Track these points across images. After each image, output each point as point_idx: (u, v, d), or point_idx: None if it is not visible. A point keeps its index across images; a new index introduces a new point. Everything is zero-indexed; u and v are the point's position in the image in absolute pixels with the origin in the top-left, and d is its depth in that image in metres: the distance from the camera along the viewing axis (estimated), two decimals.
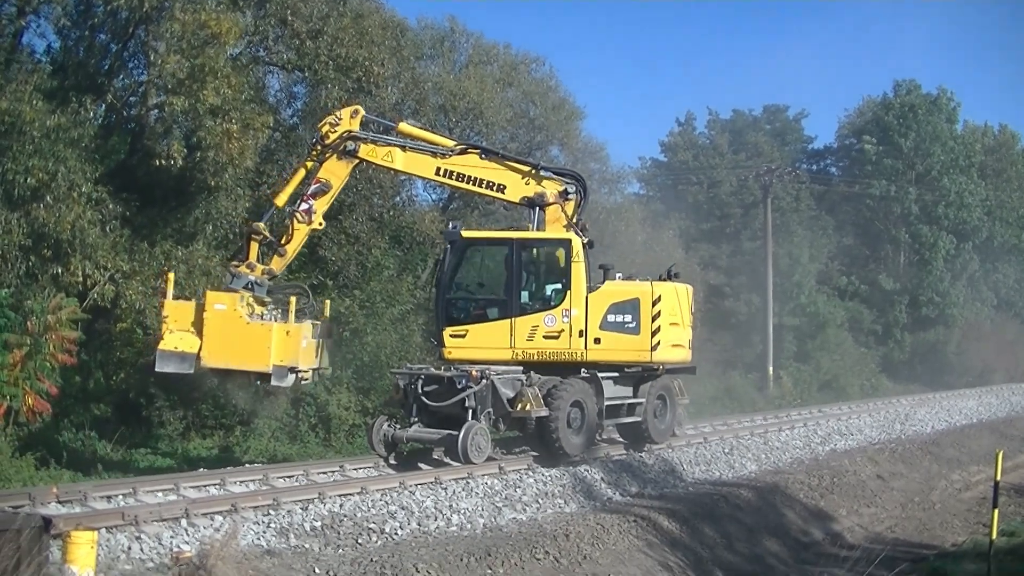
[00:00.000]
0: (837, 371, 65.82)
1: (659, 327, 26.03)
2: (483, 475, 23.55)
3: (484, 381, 24.66)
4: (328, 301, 28.45)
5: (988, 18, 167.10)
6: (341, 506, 20.11)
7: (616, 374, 27.36)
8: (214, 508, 18.91)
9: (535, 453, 26.15)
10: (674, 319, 26.96)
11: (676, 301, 27.20)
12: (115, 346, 31.83)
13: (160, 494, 20.45)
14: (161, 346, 24.37)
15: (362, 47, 34.82)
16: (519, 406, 24.77)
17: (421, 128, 28.99)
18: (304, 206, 26.37)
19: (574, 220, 26.17)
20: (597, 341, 25.88)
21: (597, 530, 21.22)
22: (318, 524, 19.03)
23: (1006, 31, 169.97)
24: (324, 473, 23.97)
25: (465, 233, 27.44)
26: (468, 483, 22.78)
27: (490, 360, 25.69)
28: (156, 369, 25.03)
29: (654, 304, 25.90)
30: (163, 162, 30.20)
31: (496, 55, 50.01)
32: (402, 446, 26.02)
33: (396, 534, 19.68)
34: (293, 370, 24.74)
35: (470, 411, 24.54)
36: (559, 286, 26.37)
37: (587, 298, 26.00)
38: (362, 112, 27.31)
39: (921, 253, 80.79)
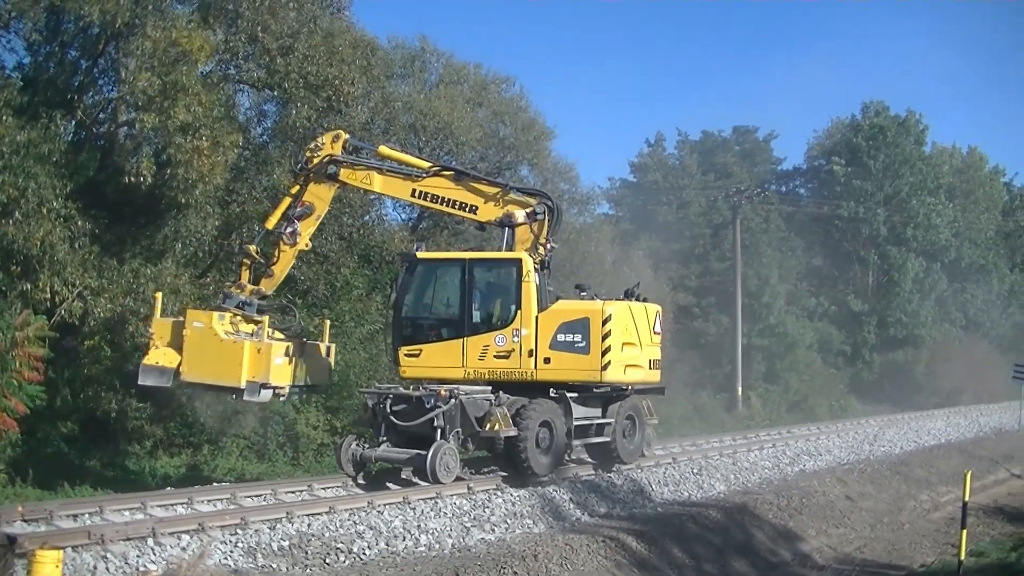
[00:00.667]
0: (806, 392, 66.13)
1: (609, 347, 25.78)
2: (451, 495, 23.49)
3: (453, 401, 24.63)
4: (327, 321, 29.77)
5: (956, 41, 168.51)
6: (309, 526, 20.02)
7: (586, 394, 27.35)
8: (181, 527, 18.79)
9: (504, 473, 26.11)
10: (628, 339, 26.55)
11: (630, 320, 26.79)
12: (83, 363, 31.65)
13: (127, 513, 20.32)
14: (145, 360, 25.57)
15: (332, 65, 34.78)
16: (488, 426, 24.72)
17: (398, 151, 29.22)
18: (289, 228, 26.85)
19: (543, 240, 26.16)
20: (547, 360, 25.77)
21: (566, 551, 21.18)
22: (286, 544, 18.95)
23: (974, 54, 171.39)
24: (292, 492, 23.84)
25: (420, 254, 27.70)
26: (436, 503, 22.72)
27: (444, 379, 25.90)
28: (139, 382, 26.20)
29: (604, 323, 25.78)
30: (132, 179, 30.08)
31: (467, 75, 50.10)
32: (371, 465, 25.95)
33: (364, 554, 19.61)
34: (265, 386, 25.16)
35: (439, 431, 24.49)
36: (510, 306, 26.41)
37: (537, 318, 25.96)
38: (344, 136, 27.63)
39: (890, 274, 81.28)
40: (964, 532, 22.80)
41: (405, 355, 26.73)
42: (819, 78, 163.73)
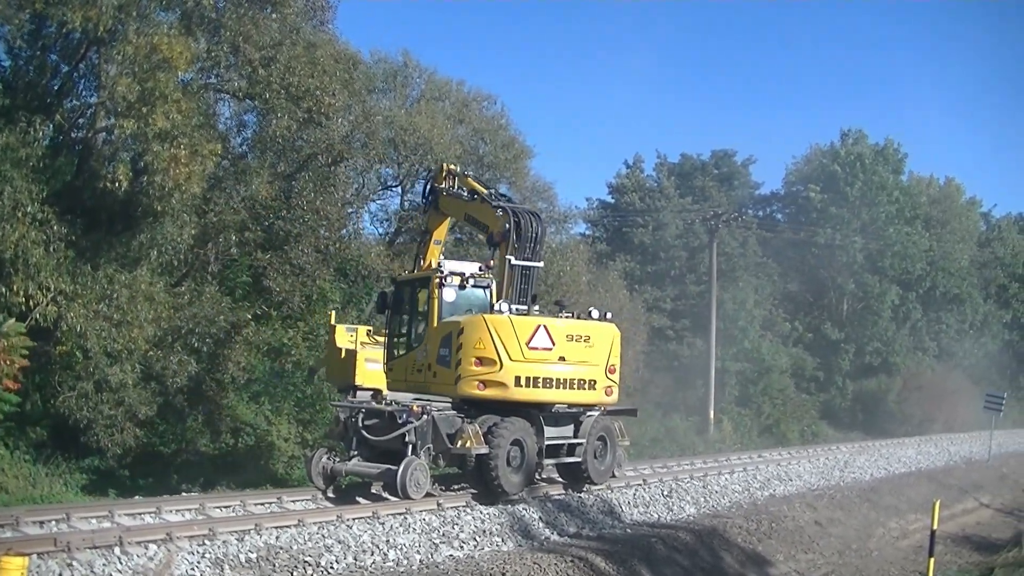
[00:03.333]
0: (778, 416, 66.22)
1: (459, 360, 25.73)
2: (421, 511, 23.46)
3: (425, 416, 24.63)
4: None
5: (936, 72, 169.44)
6: (277, 538, 19.94)
7: (558, 414, 27.35)
8: (148, 536, 18.70)
9: (474, 490, 26.08)
10: (481, 353, 25.86)
11: (487, 335, 25.88)
12: (54, 369, 31.51)
13: (94, 521, 20.23)
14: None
15: (314, 77, 34.81)
16: (459, 443, 24.75)
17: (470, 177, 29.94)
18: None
19: (506, 255, 26.45)
20: (435, 375, 26.25)
21: (534, 569, 21.12)
22: (253, 556, 18.87)
23: (953, 85, 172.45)
24: (261, 504, 23.79)
25: (397, 277, 29.15)
26: (406, 518, 22.67)
27: (413, 392, 26.79)
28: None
29: (458, 336, 25.86)
30: (109, 185, 29.95)
31: (448, 91, 50.13)
32: (340, 479, 25.90)
33: (332, 568, 19.54)
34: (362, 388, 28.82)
35: (410, 446, 24.49)
36: (423, 322, 27.37)
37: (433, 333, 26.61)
38: (448, 167, 29.72)
39: (866, 302, 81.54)
40: (932, 560, 22.88)
41: (388, 369, 28.03)
42: (799, 104, 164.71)
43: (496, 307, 26.15)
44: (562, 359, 26.19)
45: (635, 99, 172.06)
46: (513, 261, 26.39)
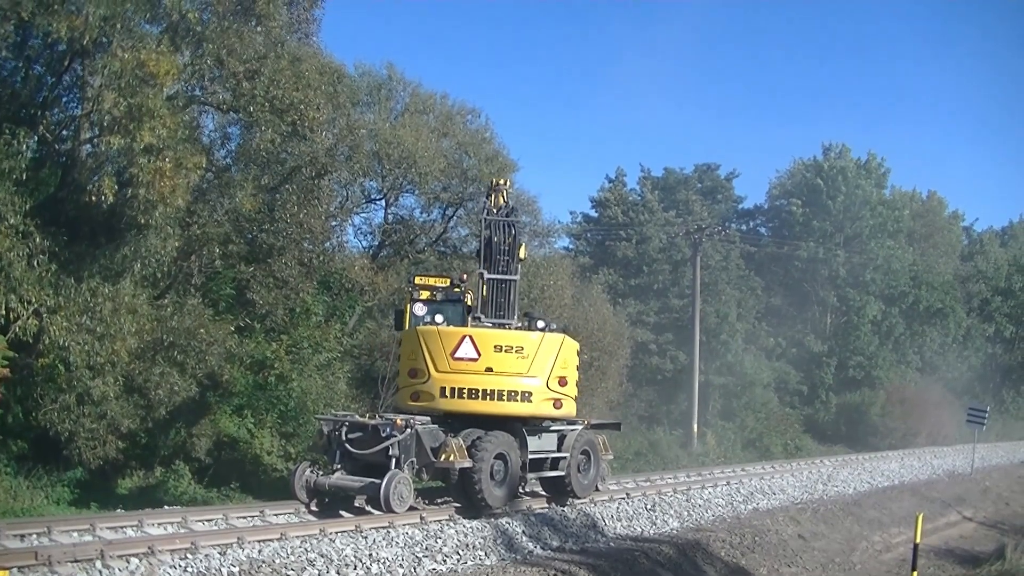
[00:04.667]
0: (761, 430, 66.23)
1: (398, 372, 27.18)
2: (404, 524, 23.47)
3: (408, 430, 24.63)
4: None
5: (917, 86, 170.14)
6: (260, 552, 19.91)
7: (540, 428, 27.39)
8: (130, 550, 18.67)
9: (458, 504, 26.07)
10: (413, 364, 26.66)
11: (419, 346, 26.55)
12: (36, 382, 31.40)
13: (75, 534, 20.18)
14: None
15: (298, 90, 34.75)
16: (443, 456, 24.77)
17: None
18: None
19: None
20: (397, 389, 27.52)
21: None
22: (236, 570, 18.83)
23: (935, 100, 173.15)
24: (244, 517, 23.76)
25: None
26: (389, 532, 22.66)
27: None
28: None
29: (397, 348, 26.40)
30: (93, 198, 29.84)
31: (433, 105, 50.12)
32: (324, 493, 25.83)
33: None
34: None
35: (393, 460, 24.49)
36: None
37: None
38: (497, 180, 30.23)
39: (848, 315, 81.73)
40: (915, 574, 22.92)
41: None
42: (782, 119, 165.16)
43: (471, 319, 26.34)
44: (489, 370, 26.12)
45: (618, 113, 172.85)
46: (486, 275, 26.51)
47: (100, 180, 30.27)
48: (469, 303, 28.32)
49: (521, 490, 27.94)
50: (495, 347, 26.22)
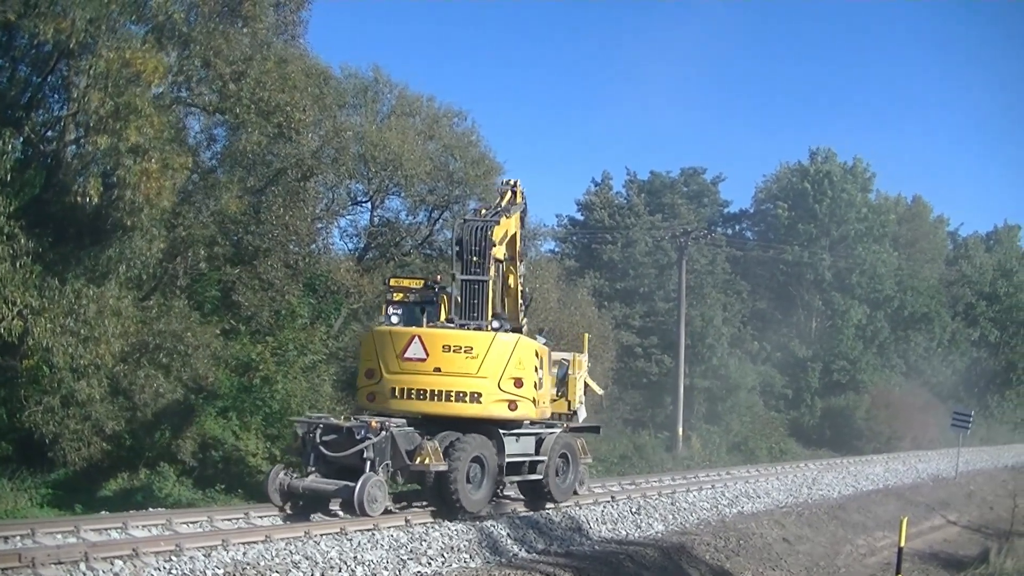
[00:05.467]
0: (747, 434, 66.38)
1: (358, 373, 27.29)
2: (389, 527, 23.41)
3: (383, 433, 24.39)
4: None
5: (902, 90, 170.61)
6: (244, 554, 19.87)
7: (519, 431, 27.27)
8: (114, 552, 18.61)
9: (434, 508, 25.96)
10: (369, 365, 26.67)
11: (373, 346, 26.66)
12: (20, 383, 31.31)
13: (59, 536, 20.14)
14: None
15: (284, 92, 34.71)
16: (418, 459, 24.55)
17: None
18: None
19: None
20: None
21: None
22: (220, 572, 18.79)
23: (920, 105, 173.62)
24: (228, 520, 23.73)
25: None
26: (374, 535, 22.61)
27: None
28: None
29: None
30: (79, 199, 29.76)
31: (419, 107, 50.06)
32: (298, 496, 25.57)
33: None
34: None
35: (368, 463, 24.23)
36: None
37: None
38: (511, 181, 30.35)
39: (834, 320, 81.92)
40: None
41: None
42: (768, 123, 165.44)
43: (445, 321, 26.30)
44: (437, 370, 25.75)
45: (604, 116, 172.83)
46: (458, 276, 26.44)
47: (86, 181, 30.21)
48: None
49: (499, 493, 27.87)
50: (444, 347, 25.77)
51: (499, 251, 27.29)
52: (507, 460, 26.56)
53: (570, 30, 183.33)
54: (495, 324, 26.38)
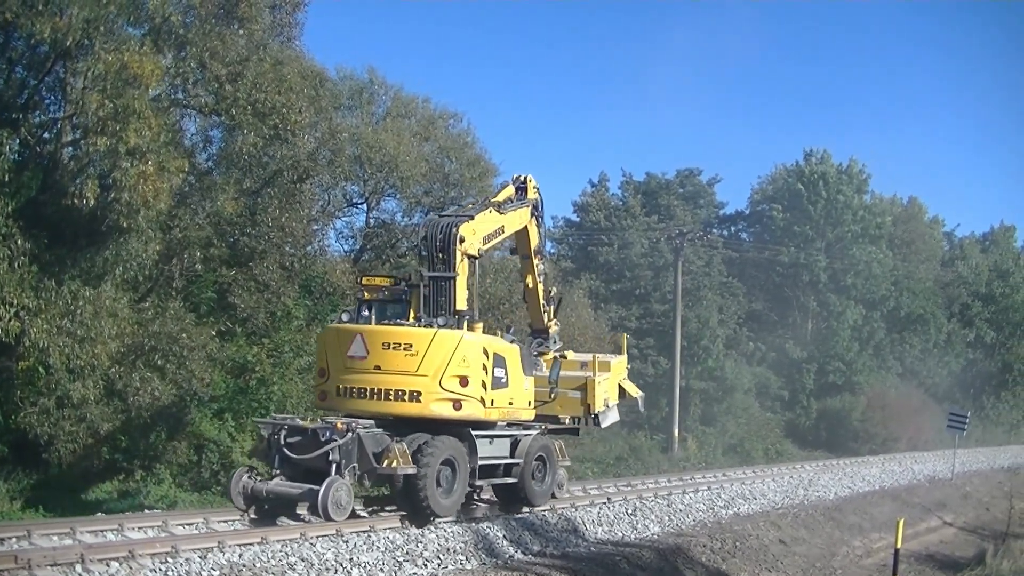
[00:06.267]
0: (742, 435, 66.40)
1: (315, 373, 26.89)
2: (385, 528, 23.35)
3: (349, 435, 23.86)
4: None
5: (897, 92, 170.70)
6: (240, 556, 19.83)
7: (492, 432, 26.91)
8: (110, 554, 18.55)
9: (403, 512, 25.41)
10: (321, 364, 26.24)
11: (323, 345, 26.48)
12: (16, 384, 31.29)
13: (55, 538, 20.11)
14: None
15: (280, 93, 34.72)
16: (386, 462, 23.80)
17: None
18: None
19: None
20: None
21: None
22: (217, 574, 18.76)
23: (915, 106, 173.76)
24: (224, 521, 23.66)
25: None
26: (370, 536, 22.55)
27: None
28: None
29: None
30: (75, 201, 29.76)
31: (415, 109, 50.10)
32: (263, 500, 24.64)
33: None
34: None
35: (334, 465, 23.66)
36: None
37: None
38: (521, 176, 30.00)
39: (829, 321, 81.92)
40: None
41: None
42: (764, 124, 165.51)
43: (413, 319, 25.91)
44: (377, 368, 25.07)
45: (600, 117, 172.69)
46: (424, 273, 26.16)
47: (83, 183, 30.26)
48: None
49: (476, 497, 27.63)
50: (383, 344, 25.04)
51: (471, 247, 26.72)
52: (480, 463, 25.90)
53: (566, 31, 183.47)
54: (440, 321, 25.78)
